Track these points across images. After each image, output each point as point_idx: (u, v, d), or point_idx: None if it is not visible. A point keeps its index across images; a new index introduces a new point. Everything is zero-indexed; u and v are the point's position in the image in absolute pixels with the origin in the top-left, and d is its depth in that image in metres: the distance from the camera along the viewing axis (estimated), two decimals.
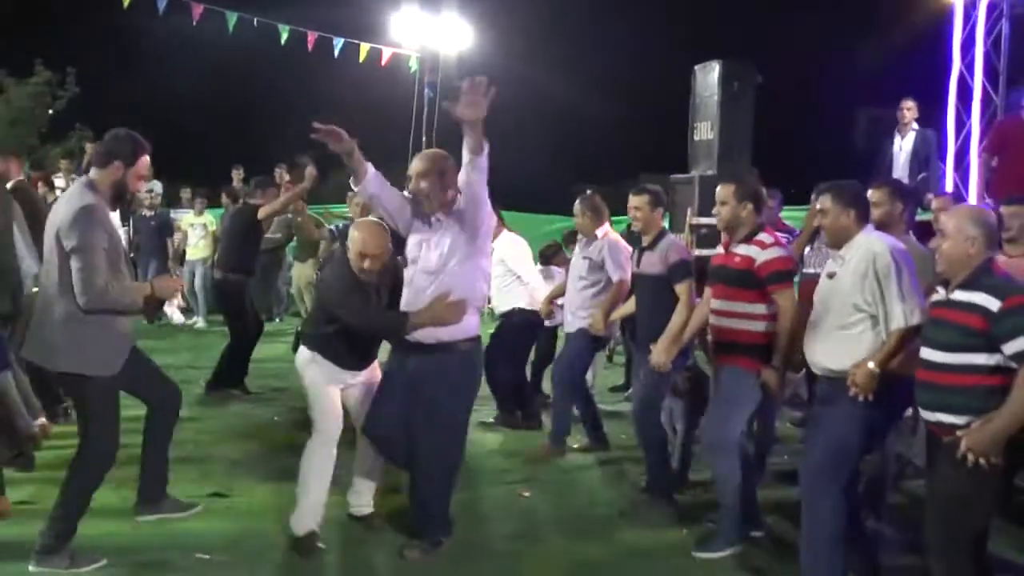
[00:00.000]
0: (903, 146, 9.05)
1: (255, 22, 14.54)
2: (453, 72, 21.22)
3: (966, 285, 3.36)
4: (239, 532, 4.63)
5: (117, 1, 12.27)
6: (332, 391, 4.47)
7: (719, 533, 4.63)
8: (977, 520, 3.34)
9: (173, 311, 12.20)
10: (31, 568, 3.98)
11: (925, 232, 5.70)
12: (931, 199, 7.00)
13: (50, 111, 22.36)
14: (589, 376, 6.85)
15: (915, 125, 9.08)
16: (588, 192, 6.57)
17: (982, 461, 3.17)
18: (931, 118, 9.33)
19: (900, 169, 8.97)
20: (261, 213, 7.58)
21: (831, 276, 4.04)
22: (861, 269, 3.86)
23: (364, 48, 16.86)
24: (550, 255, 8.12)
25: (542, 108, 35.74)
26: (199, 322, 11.97)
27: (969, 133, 9.67)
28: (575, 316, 6.16)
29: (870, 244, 3.91)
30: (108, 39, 25.57)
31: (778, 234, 4.71)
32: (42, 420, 5.28)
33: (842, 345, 3.88)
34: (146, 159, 4.13)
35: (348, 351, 4.41)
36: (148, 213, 11.88)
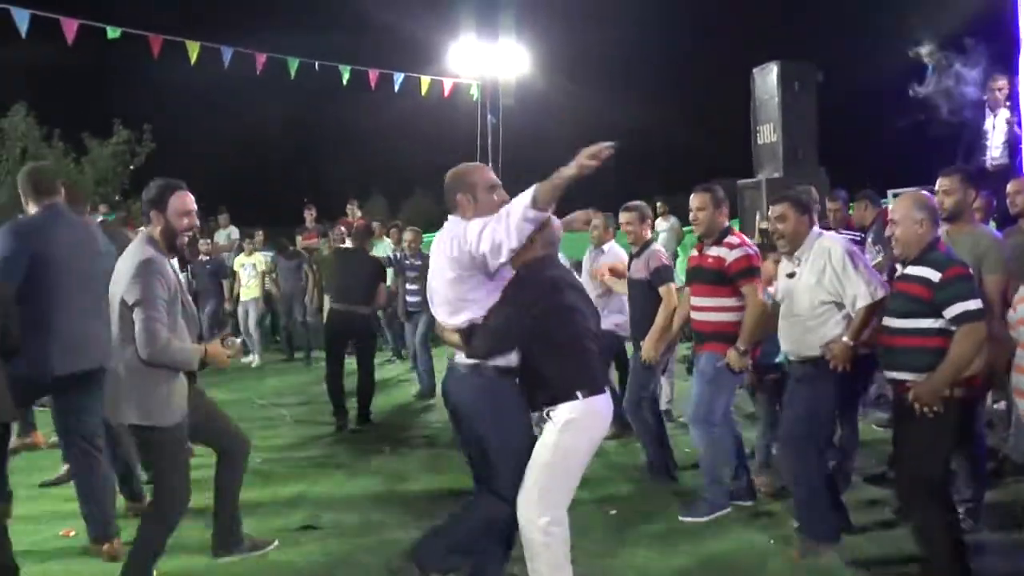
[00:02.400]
0: (996, 124, 8.69)
1: (316, 66, 14.91)
2: (513, 97, 21.46)
3: (916, 261, 3.94)
4: (330, 563, 4.72)
5: (185, 57, 12.70)
6: None
7: (705, 499, 5.22)
8: (936, 460, 3.89)
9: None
10: None
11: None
12: None
13: (130, 167, 23.30)
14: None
15: (1008, 103, 8.74)
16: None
17: (926, 409, 3.76)
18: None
19: (996, 149, 8.67)
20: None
21: (791, 276, 4.63)
22: (819, 266, 4.48)
23: (425, 81, 17.13)
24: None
25: (603, 125, 35.76)
26: (255, 360, 12.24)
27: None
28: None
29: (821, 243, 4.55)
30: (179, 94, 26.48)
31: (745, 237, 5.30)
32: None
33: (815, 334, 4.51)
34: (178, 197, 4.13)
35: None
36: (204, 258, 12.23)
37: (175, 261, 4.21)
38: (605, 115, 35.22)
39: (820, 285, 4.48)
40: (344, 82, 15.43)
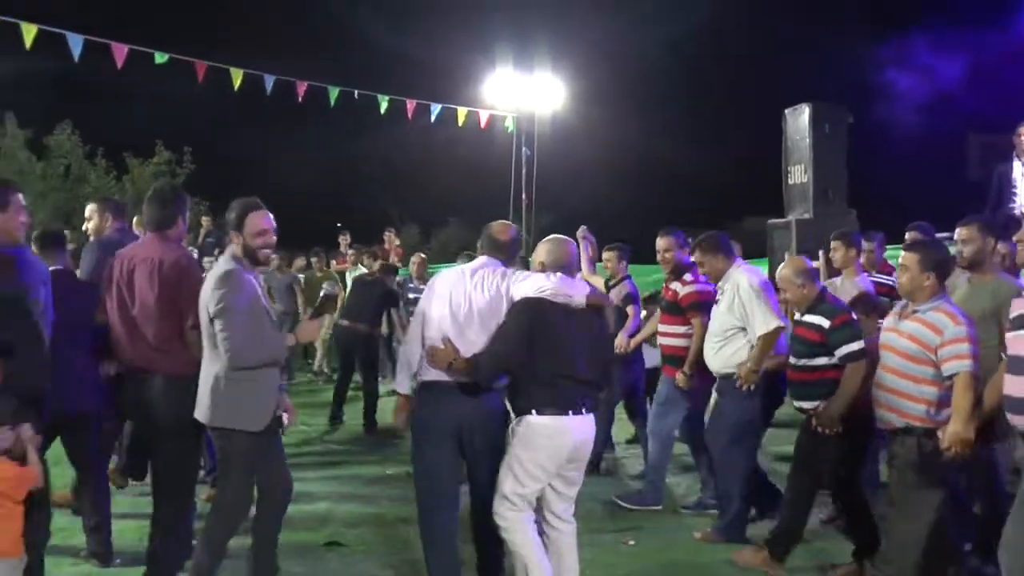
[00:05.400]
0: None
1: (356, 94, 15.24)
2: (548, 129, 21.72)
3: (809, 311, 4.79)
4: None
5: (229, 83, 13.05)
6: None
7: (642, 494, 6.17)
8: (826, 472, 4.81)
9: None
10: None
11: None
12: None
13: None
14: None
15: None
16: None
17: (825, 431, 4.63)
18: None
19: (1022, 195, 8.70)
20: None
21: (715, 303, 5.58)
22: (730, 296, 5.43)
23: (462, 112, 17.40)
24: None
25: (637, 158, 35.94)
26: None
27: None
28: None
29: (736, 277, 5.47)
30: (222, 118, 27.04)
31: (699, 275, 5.93)
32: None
33: (725, 352, 5.42)
34: (253, 217, 4.29)
35: None
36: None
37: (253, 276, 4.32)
38: (640, 147, 35.41)
39: (730, 311, 5.41)
40: (382, 111, 15.75)
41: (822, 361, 4.70)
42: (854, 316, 4.77)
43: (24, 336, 4.09)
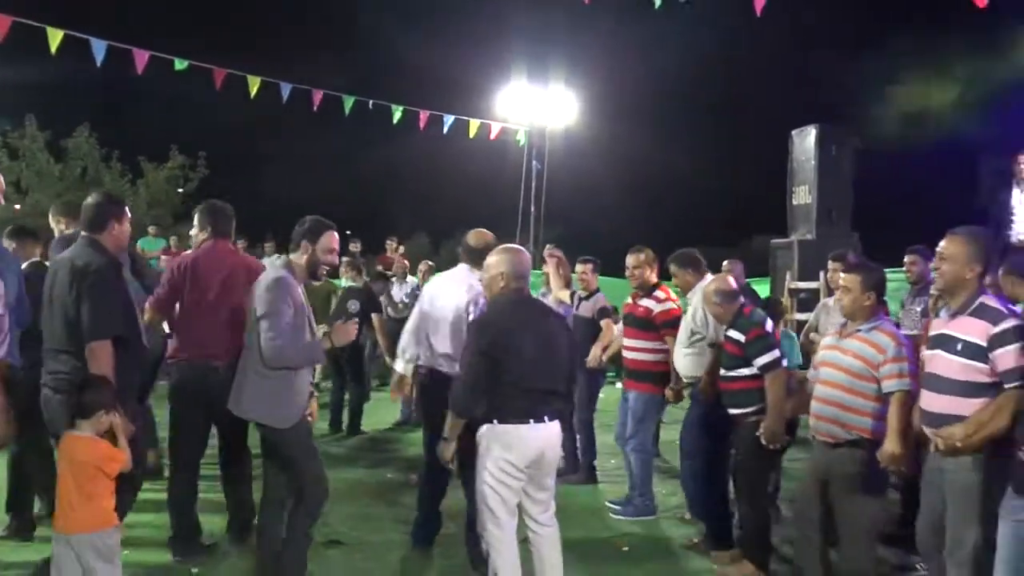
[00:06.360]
0: (1022, 200, 8.89)
1: (370, 104, 15.42)
2: (560, 144, 21.87)
3: (731, 325, 5.22)
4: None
5: (246, 90, 13.24)
6: None
7: (634, 504, 6.29)
8: (760, 471, 5.22)
9: None
10: None
11: None
12: None
13: (179, 190, 24.07)
14: None
15: None
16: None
17: (769, 444, 4.95)
18: None
19: (1021, 223, 8.84)
20: None
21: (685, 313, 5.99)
22: (697, 305, 5.72)
23: (474, 124, 17.55)
24: None
25: (646, 175, 36.10)
26: None
27: None
28: None
29: (703, 289, 5.65)
30: (238, 125, 27.33)
31: (670, 292, 6.34)
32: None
33: (690, 359, 5.76)
34: (329, 235, 4.62)
35: None
36: None
37: None
38: (649, 165, 35.59)
39: (693, 319, 5.75)
40: (395, 121, 15.92)
41: (744, 372, 5.10)
42: (768, 329, 5.15)
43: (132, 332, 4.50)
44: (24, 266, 5.34)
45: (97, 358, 4.21)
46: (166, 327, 5.54)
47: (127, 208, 4.76)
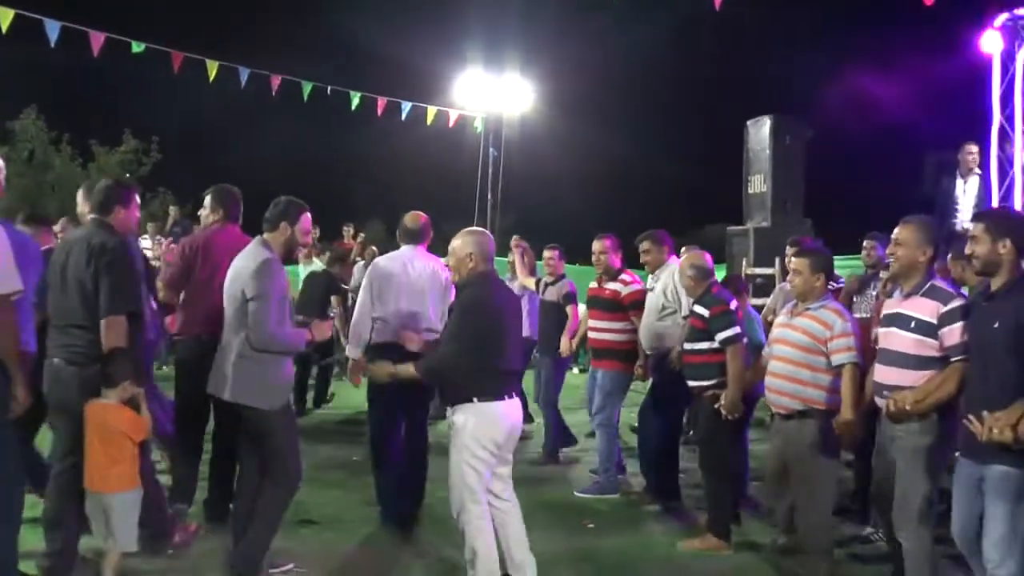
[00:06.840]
0: (967, 190, 9.20)
1: (328, 90, 15.39)
2: (516, 131, 21.99)
3: (696, 301, 5.50)
4: (326, 550, 5.13)
5: (204, 75, 13.16)
6: None
7: (598, 483, 6.52)
8: (722, 445, 5.40)
9: None
10: None
11: None
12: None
13: (127, 175, 23.72)
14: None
15: (978, 170, 9.24)
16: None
17: (729, 415, 5.19)
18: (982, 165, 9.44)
19: (965, 212, 9.10)
20: None
21: (650, 290, 6.36)
22: (665, 282, 6.18)
23: (431, 111, 17.58)
24: None
25: (601, 162, 36.38)
26: None
27: (1012, 182, 9.78)
28: None
29: (672, 267, 6.20)
30: (195, 109, 26.98)
31: (635, 275, 6.65)
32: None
33: (661, 332, 6.15)
34: (306, 217, 4.68)
35: None
36: None
37: None
38: (604, 153, 35.86)
39: (664, 294, 6.15)
40: (353, 108, 15.91)
41: (705, 345, 5.36)
42: (733, 307, 5.40)
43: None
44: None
45: (113, 331, 4.32)
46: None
47: (136, 194, 4.84)
